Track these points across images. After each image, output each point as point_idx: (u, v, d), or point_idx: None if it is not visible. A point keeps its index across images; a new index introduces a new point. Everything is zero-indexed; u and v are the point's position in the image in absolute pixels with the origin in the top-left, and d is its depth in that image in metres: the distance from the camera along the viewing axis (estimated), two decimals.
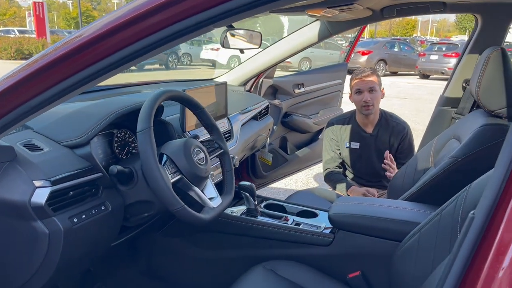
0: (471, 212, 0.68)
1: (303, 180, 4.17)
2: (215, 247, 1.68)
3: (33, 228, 1.03)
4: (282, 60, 2.44)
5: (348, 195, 2.37)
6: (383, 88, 2.35)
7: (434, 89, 12.43)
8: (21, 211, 1.02)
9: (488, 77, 1.55)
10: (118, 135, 1.42)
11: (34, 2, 20.33)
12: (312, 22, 2.27)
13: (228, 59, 15.77)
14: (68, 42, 0.90)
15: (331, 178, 2.51)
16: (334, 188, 2.47)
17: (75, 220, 1.10)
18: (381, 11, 1.96)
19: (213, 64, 16.16)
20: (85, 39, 0.88)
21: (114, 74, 0.93)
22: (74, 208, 1.12)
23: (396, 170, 2.19)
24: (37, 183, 1.03)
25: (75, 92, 0.92)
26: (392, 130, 2.38)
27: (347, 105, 3.34)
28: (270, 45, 2.48)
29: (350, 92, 2.39)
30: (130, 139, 1.47)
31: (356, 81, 2.31)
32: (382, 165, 2.22)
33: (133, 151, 1.48)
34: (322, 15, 1.81)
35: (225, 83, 1.88)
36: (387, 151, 2.20)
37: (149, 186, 1.25)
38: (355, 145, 2.41)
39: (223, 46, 1.48)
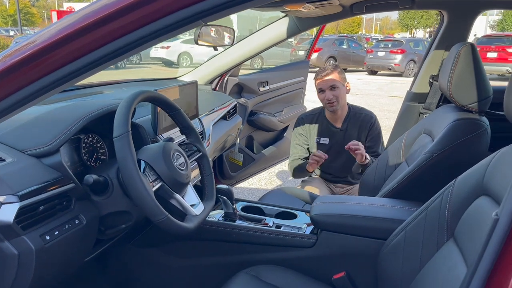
0: (494, 213, 0.66)
1: (266, 178, 4.15)
2: (193, 255, 1.60)
3: None
4: (250, 58, 2.38)
5: (308, 171, 2.35)
6: (348, 83, 2.37)
7: (383, 84, 12.86)
8: None
9: (459, 72, 1.58)
10: (86, 140, 1.30)
11: None
12: (280, 19, 2.23)
13: (178, 57, 15.50)
14: (32, 42, 0.81)
15: (293, 165, 2.49)
16: (297, 175, 2.46)
17: (48, 237, 0.99)
18: (351, 7, 1.96)
19: (163, 62, 15.81)
20: (61, 35, 0.79)
21: (91, 74, 0.84)
22: (46, 224, 1.00)
23: (363, 148, 2.20)
24: (2, 198, 0.92)
25: (46, 95, 0.83)
26: (360, 123, 2.40)
27: (310, 103, 3.36)
28: (236, 43, 2.41)
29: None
30: (98, 145, 1.36)
31: (317, 81, 2.34)
32: (350, 146, 2.20)
33: (102, 157, 1.37)
34: (297, 11, 1.77)
35: (195, 82, 1.79)
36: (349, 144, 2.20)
37: (127, 195, 1.16)
38: (325, 140, 2.41)
39: (197, 43, 1.40)
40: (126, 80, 2.28)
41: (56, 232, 1.01)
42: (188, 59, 15.53)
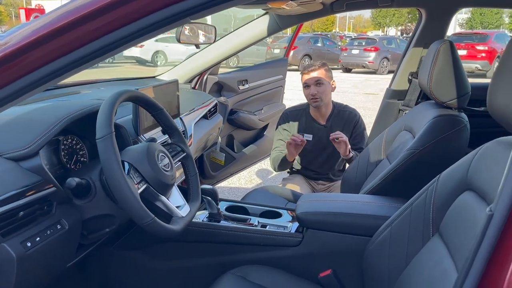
0: (488, 208, 0.67)
1: (246, 177, 4.14)
2: (178, 257, 1.57)
3: None
4: (230, 56, 2.36)
5: (289, 160, 2.36)
6: (334, 81, 2.39)
7: (357, 82, 13.03)
8: None
9: (439, 69, 1.60)
10: (65, 142, 1.26)
11: None
12: (260, 17, 2.21)
13: (152, 55, 15.29)
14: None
15: (274, 158, 2.50)
16: (279, 168, 2.47)
17: (29, 244, 0.95)
18: (331, 5, 1.96)
19: (137, 61, 15.56)
20: (38, 35, 0.76)
21: (72, 75, 0.82)
22: (26, 231, 0.96)
23: (347, 139, 2.21)
24: None
25: (22, 98, 0.80)
26: (345, 120, 2.42)
27: (287, 101, 3.37)
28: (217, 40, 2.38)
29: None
30: (78, 146, 1.32)
31: (304, 76, 2.36)
32: (332, 136, 2.21)
33: (82, 159, 1.33)
34: (279, 8, 1.76)
35: (176, 81, 1.76)
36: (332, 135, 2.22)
37: (110, 198, 1.13)
38: (308, 136, 2.42)
39: (179, 41, 1.38)
40: (103, 79, 2.22)
41: (38, 238, 0.97)
42: (163, 57, 15.35)
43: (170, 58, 15.02)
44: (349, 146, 2.23)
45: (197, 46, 1.47)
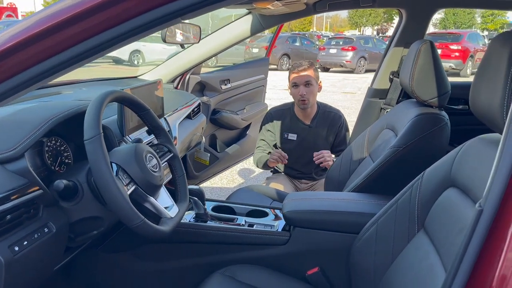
0: (477, 204, 0.68)
1: (228, 176, 4.13)
2: (165, 258, 1.56)
3: None
4: (213, 56, 2.35)
5: (269, 166, 2.42)
6: (320, 82, 2.41)
7: (335, 81, 13.15)
8: None
9: (420, 69, 1.63)
10: (48, 144, 1.24)
11: None
12: (243, 16, 2.21)
13: (129, 55, 15.07)
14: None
15: (257, 158, 2.53)
16: (261, 168, 2.51)
17: (16, 248, 0.93)
18: (314, 5, 1.98)
19: (114, 60, 15.30)
20: (30, 32, 0.75)
21: (66, 72, 0.81)
22: (14, 234, 0.94)
23: (333, 156, 2.26)
24: None
25: (9, 100, 0.78)
26: (330, 122, 2.44)
27: (267, 101, 3.38)
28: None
29: (289, 85, 2.42)
30: (62, 148, 1.29)
31: (293, 75, 2.35)
32: (316, 159, 2.27)
33: (67, 161, 1.31)
34: (263, 8, 1.76)
35: (160, 81, 1.74)
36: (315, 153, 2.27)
37: (98, 200, 1.11)
38: (293, 136, 2.44)
39: (164, 41, 1.37)
40: (84, 79, 2.18)
41: (25, 242, 0.96)
42: (140, 57, 15.15)
43: (147, 57, 14.84)
44: (331, 162, 2.26)
45: (182, 46, 1.46)
